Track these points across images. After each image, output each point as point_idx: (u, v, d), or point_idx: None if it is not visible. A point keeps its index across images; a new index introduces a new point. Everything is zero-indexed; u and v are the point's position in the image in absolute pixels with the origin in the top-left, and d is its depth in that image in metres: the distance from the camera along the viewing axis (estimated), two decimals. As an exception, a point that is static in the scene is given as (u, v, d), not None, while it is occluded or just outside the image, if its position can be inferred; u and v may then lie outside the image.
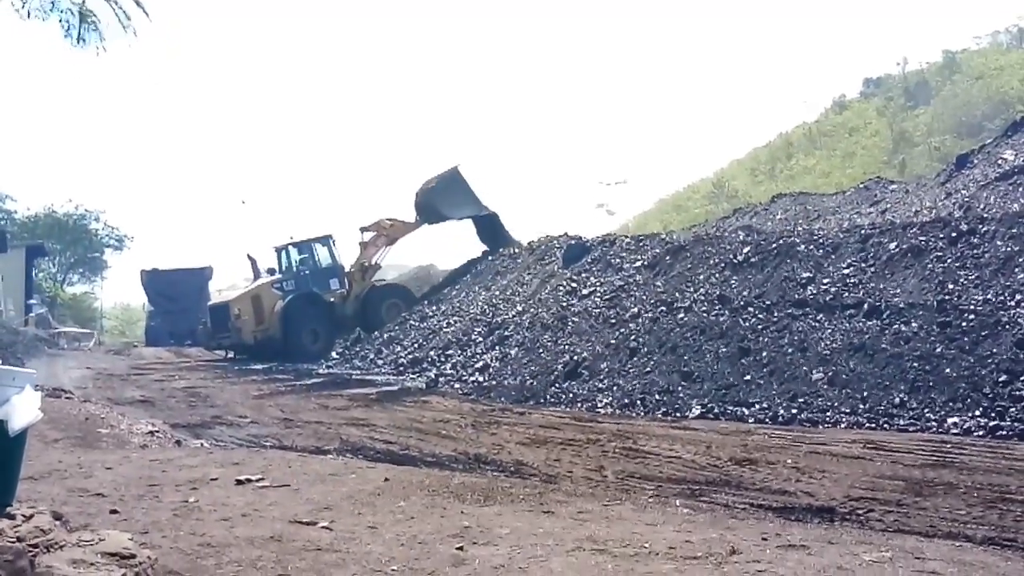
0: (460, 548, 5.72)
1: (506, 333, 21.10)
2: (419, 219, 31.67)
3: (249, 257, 31.83)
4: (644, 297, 18.80)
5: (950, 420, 11.60)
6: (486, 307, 24.18)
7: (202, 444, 11.66)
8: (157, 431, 12.16)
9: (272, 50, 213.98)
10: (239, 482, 7.87)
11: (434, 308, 27.22)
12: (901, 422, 11.93)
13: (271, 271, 31.30)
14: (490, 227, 32.10)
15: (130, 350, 39.29)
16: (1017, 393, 11.61)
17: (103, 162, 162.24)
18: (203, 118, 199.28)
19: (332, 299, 30.40)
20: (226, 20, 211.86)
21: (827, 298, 15.27)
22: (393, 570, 5.24)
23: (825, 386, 13.32)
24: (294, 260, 31.18)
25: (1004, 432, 10.99)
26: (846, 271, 15.80)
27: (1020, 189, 20.46)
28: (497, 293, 25.08)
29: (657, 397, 14.75)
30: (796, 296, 15.75)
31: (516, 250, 28.79)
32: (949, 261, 14.64)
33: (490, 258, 29.52)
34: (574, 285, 21.71)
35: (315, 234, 32.00)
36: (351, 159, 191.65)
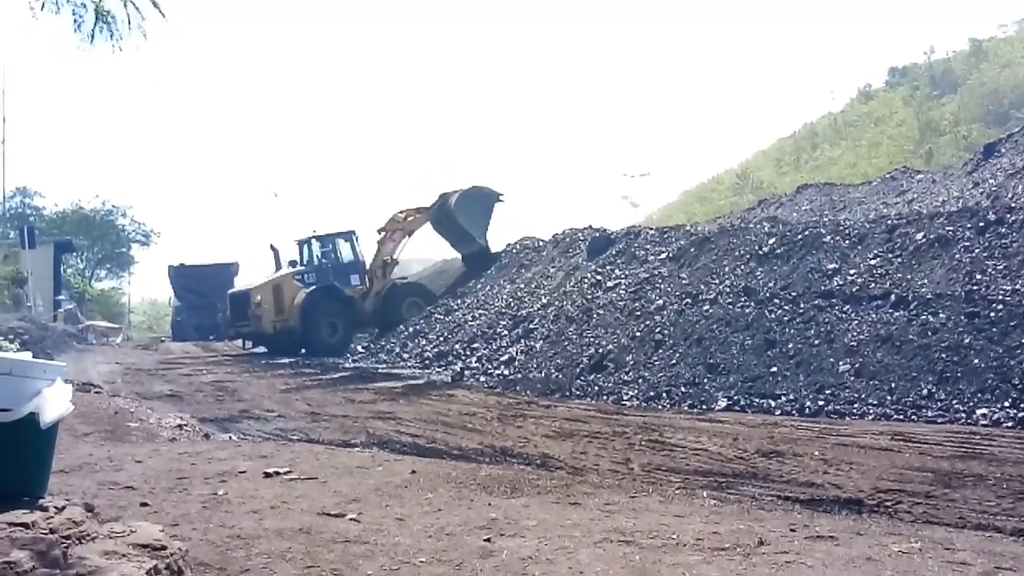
0: (488, 539, 5.74)
1: (531, 326, 21.11)
2: (431, 207, 31.70)
3: (272, 248, 31.83)
4: (669, 289, 18.77)
5: (979, 411, 11.53)
6: (511, 300, 24.20)
7: (230, 437, 11.74)
8: (185, 425, 12.25)
9: (302, 41, 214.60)
10: (267, 475, 7.92)
11: (459, 301, 27.26)
12: (929, 413, 11.87)
13: (293, 263, 31.39)
14: (480, 257, 32.06)
15: (157, 345, 39.56)
16: (1046, 384, 11.54)
17: (130, 157, 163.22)
18: (230, 111, 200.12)
19: (352, 295, 30.38)
20: (254, 12, 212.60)
21: (854, 289, 15.20)
22: (421, 561, 5.27)
23: (852, 378, 13.27)
24: (316, 254, 31.21)
25: (1033, 423, 10.92)
26: (873, 262, 15.73)
27: (1049, 178, 20.31)
28: (522, 286, 25.09)
29: (683, 389, 14.72)
30: (822, 287, 15.70)
31: (541, 243, 28.80)
32: (977, 251, 14.56)
33: (500, 262, 29.51)
34: (599, 277, 21.70)
35: (338, 229, 32.12)
36: (377, 151, 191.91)
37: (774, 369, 14.26)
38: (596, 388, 16.02)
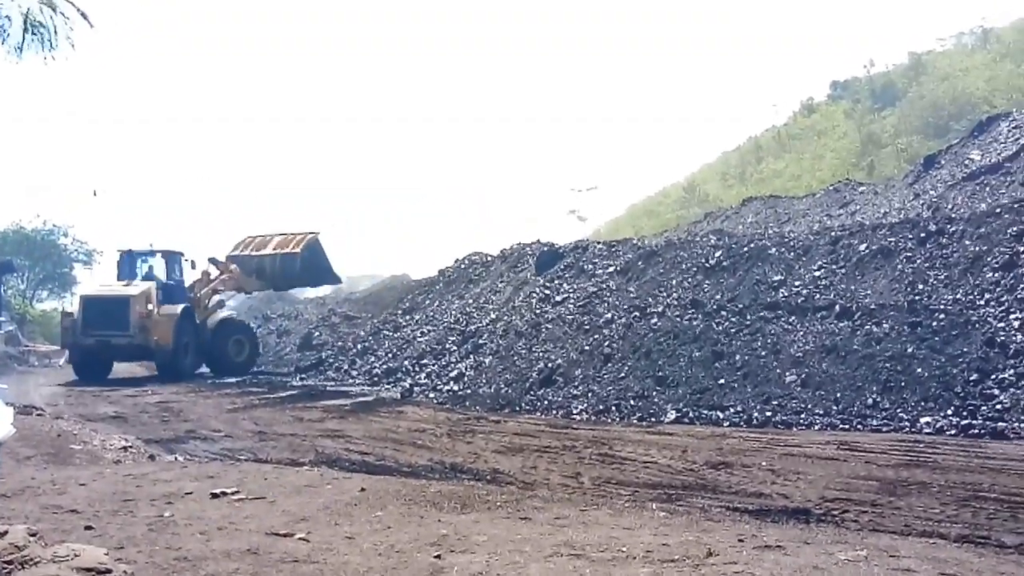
0: (438, 556, 5.71)
1: (480, 341, 21.10)
2: (264, 284, 30.91)
3: (129, 253, 28.60)
4: (617, 303, 18.85)
5: (922, 420, 11.72)
6: (460, 316, 24.16)
7: (176, 458, 11.58)
8: (130, 446, 12.08)
9: (250, 46, 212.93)
10: (214, 495, 7.82)
11: (407, 318, 27.16)
12: (874, 423, 12.04)
13: (125, 274, 27.91)
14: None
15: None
16: (988, 392, 11.75)
17: (70, 176, 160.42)
18: (163, 126, 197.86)
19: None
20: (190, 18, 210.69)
21: (799, 300, 15.37)
22: (371, 580, 5.23)
23: (798, 388, 13.41)
24: (142, 268, 28.20)
25: (976, 431, 11.12)
26: (817, 273, 15.92)
27: (987, 189, 20.70)
28: (470, 302, 25.05)
29: (632, 402, 14.79)
30: (768, 299, 15.85)
31: (489, 258, 28.76)
32: (918, 261, 14.79)
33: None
34: (547, 292, 21.73)
35: (170, 247, 29.07)
36: (318, 163, 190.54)
37: (722, 381, 14.38)
38: (546, 402, 16.05)
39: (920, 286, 14.22)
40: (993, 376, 12.01)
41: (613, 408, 14.84)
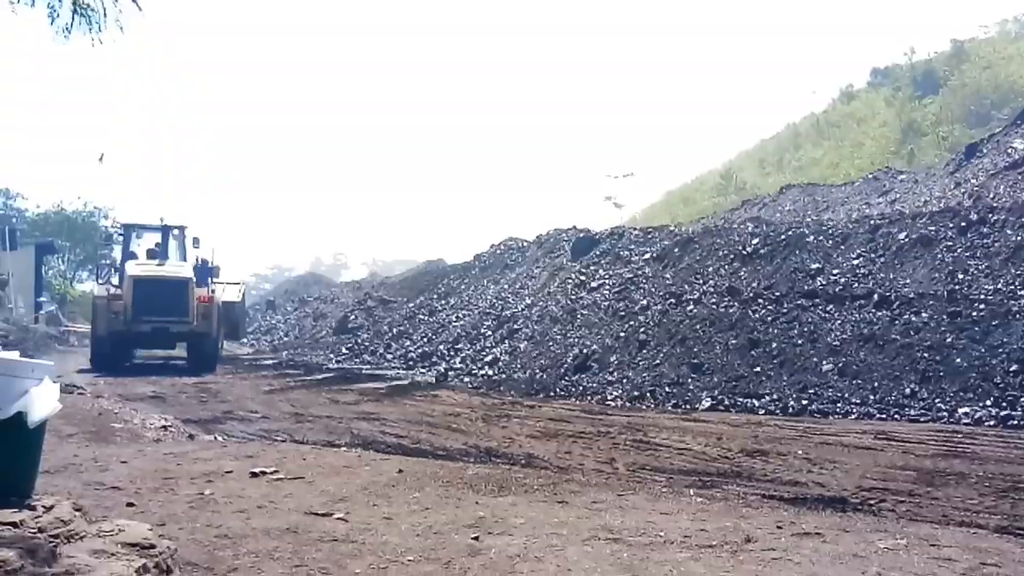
0: (476, 538, 5.74)
1: (515, 326, 21.13)
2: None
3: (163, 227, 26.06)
4: (653, 289, 18.82)
5: (961, 410, 11.62)
6: (495, 301, 24.21)
7: (215, 438, 11.69)
8: (170, 426, 12.19)
9: (277, 42, 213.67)
10: (254, 475, 7.89)
11: (443, 302, 27.23)
12: (912, 412, 11.95)
13: (152, 253, 25.07)
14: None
15: (140, 346, 39.23)
16: (1028, 383, 11.62)
17: (112, 158, 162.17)
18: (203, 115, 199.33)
19: None
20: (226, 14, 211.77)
21: (837, 289, 15.28)
22: (409, 560, 5.26)
23: (835, 377, 13.34)
24: (169, 245, 25.71)
25: (1015, 422, 11.02)
26: (855, 261, 15.82)
27: (1029, 179, 20.43)
28: (506, 286, 25.11)
29: (667, 389, 14.77)
30: (805, 287, 15.77)
31: (525, 243, 28.79)
32: (959, 251, 14.66)
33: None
34: (583, 278, 21.74)
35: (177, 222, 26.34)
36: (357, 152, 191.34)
37: (757, 369, 14.33)
38: (580, 388, 16.06)
39: (960, 275, 14.09)
40: (1034, 367, 11.90)
41: (648, 395, 14.83)
